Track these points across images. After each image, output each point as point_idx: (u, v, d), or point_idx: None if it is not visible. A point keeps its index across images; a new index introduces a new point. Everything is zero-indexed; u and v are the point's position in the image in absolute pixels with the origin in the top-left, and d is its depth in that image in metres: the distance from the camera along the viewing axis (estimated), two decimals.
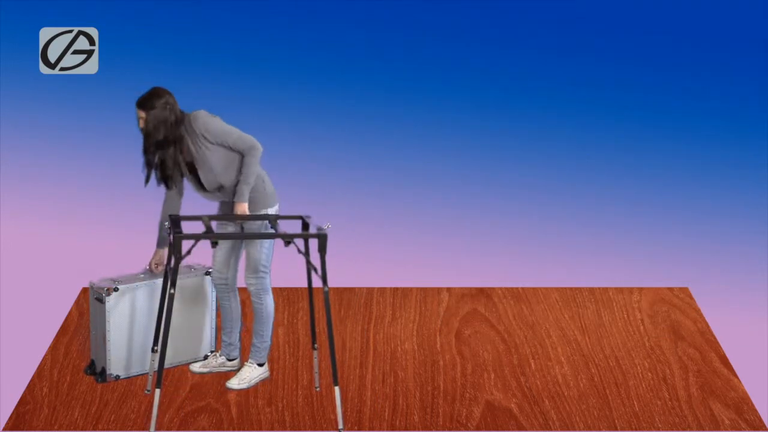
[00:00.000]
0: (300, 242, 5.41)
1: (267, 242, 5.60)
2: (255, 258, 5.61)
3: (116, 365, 5.76)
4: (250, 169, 5.51)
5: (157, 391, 5.16)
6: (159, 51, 7.99)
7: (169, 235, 5.30)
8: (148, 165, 5.55)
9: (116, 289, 5.70)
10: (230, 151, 5.52)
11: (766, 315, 6.62)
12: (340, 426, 5.28)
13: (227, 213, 5.64)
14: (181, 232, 5.17)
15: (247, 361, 5.76)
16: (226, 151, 5.51)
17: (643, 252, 7.44)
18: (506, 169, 8.00)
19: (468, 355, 6.09)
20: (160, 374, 5.14)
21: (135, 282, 5.76)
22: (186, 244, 5.16)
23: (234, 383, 5.69)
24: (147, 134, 5.52)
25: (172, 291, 5.16)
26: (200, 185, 5.58)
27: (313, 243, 5.35)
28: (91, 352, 5.86)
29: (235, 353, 5.87)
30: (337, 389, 5.27)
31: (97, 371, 5.78)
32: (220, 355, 5.88)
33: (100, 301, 5.72)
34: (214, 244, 5.41)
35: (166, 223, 5.36)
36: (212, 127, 5.49)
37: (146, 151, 5.54)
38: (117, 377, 5.77)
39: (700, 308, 6.68)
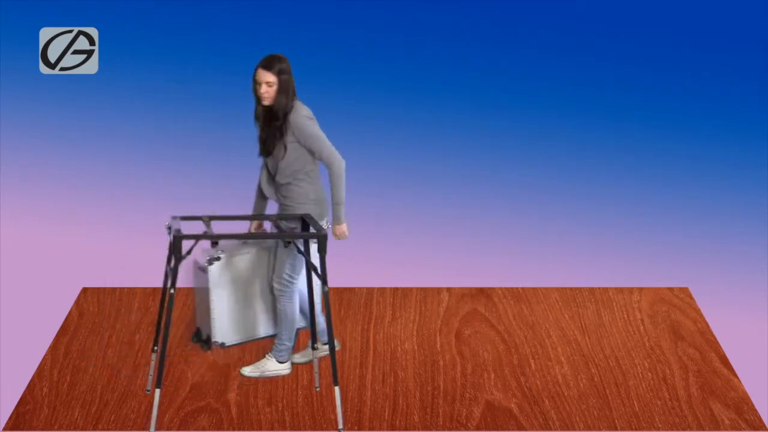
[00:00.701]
0: (300, 242, 5.41)
1: (292, 251, 5.55)
2: (279, 266, 5.60)
3: (220, 333, 5.80)
4: (337, 188, 5.48)
5: (157, 391, 5.17)
6: (159, 51, 8.00)
7: (170, 236, 5.30)
8: (276, 134, 5.45)
9: (218, 258, 5.73)
10: (302, 155, 5.47)
11: (766, 315, 6.62)
12: (340, 426, 5.29)
13: (282, 214, 5.58)
14: (180, 232, 5.17)
15: (268, 353, 5.81)
16: (297, 151, 5.47)
17: (643, 252, 7.44)
18: (506, 169, 8.00)
19: (468, 355, 6.09)
20: (161, 374, 5.14)
21: (237, 250, 5.77)
22: (186, 245, 5.16)
23: (247, 370, 5.75)
24: (278, 102, 5.40)
25: (172, 291, 5.16)
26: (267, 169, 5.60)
27: (313, 243, 5.35)
28: (197, 320, 5.93)
29: (323, 338, 5.83)
30: (337, 389, 5.27)
31: (203, 339, 5.85)
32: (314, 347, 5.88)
33: (203, 270, 5.75)
34: (214, 244, 5.40)
35: (166, 223, 5.35)
36: (309, 129, 5.42)
37: (274, 119, 5.43)
38: (222, 344, 5.82)
39: (700, 308, 6.68)
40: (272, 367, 5.77)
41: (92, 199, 7.55)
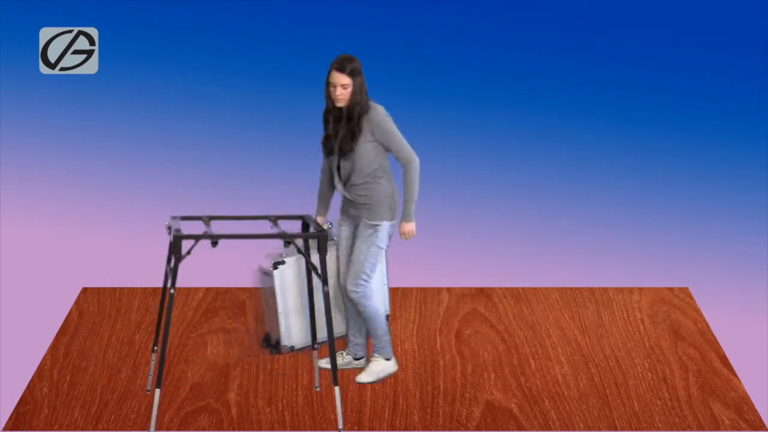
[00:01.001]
0: (300, 242, 5.41)
1: (373, 249, 5.57)
2: (357, 265, 5.58)
3: (289, 336, 5.83)
4: (414, 185, 5.52)
5: (157, 391, 5.16)
6: (159, 51, 7.99)
7: (170, 236, 5.30)
8: (350, 135, 5.44)
9: (283, 262, 5.74)
10: (379, 153, 5.49)
11: (766, 315, 6.62)
12: (340, 426, 5.28)
13: (346, 210, 5.64)
14: (180, 232, 5.17)
15: (373, 355, 5.80)
16: (376, 150, 5.48)
17: (643, 252, 7.44)
18: (506, 169, 7.99)
19: (468, 355, 6.09)
20: (160, 374, 5.14)
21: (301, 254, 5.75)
22: (186, 245, 5.16)
23: (363, 377, 5.73)
24: (354, 104, 5.40)
25: (172, 291, 5.15)
26: (337, 170, 5.58)
27: (313, 243, 5.35)
28: (266, 325, 6.00)
29: (362, 353, 5.89)
30: (337, 389, 5.27)
31: (272, 343, 5.87)
32: (347, 354, 5.89)
33: (268, 274, 5.77)
34: (214, 244, 5.38)
35: (166, 223, 5.34)
36: (386, 126, 5.44)
37: (348, 120, 5.43)
38: (292, 348, 5.87)
39: (700, 308, 6.68)
40: (380, 368, 5.77)
41: (92, 199, 7.55)
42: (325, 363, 5.82)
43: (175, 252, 5.12)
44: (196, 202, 7.14)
